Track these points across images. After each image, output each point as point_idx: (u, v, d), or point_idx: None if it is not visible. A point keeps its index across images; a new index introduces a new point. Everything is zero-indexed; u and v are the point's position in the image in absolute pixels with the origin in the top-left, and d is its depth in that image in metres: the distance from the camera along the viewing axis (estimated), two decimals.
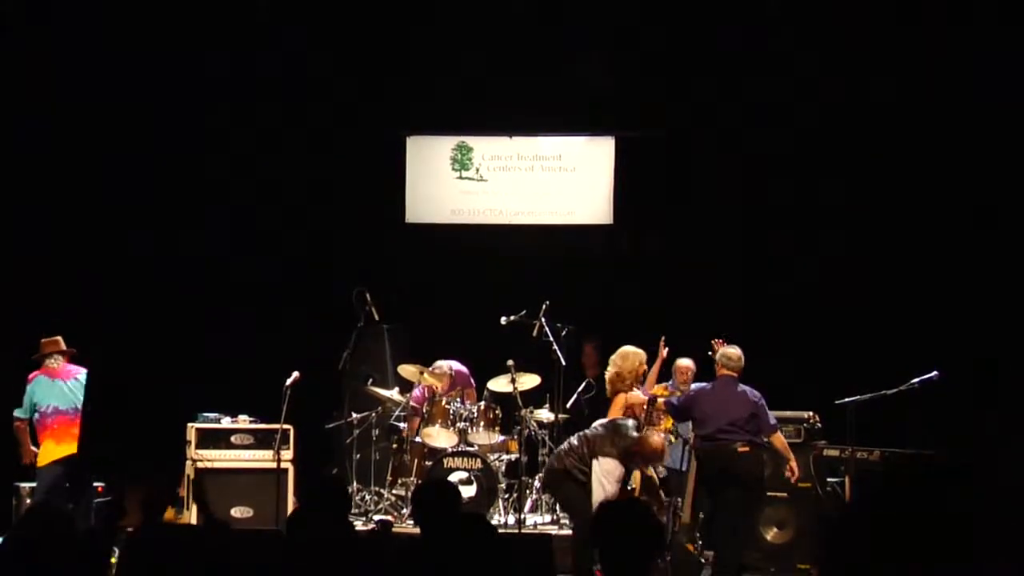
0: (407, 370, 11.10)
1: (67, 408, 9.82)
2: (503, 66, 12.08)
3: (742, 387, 9.25)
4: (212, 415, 10.54)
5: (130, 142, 11.80)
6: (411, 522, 9.82)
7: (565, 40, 11.96)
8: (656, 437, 9.02)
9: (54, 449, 9.77)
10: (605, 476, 8.84)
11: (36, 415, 9.84)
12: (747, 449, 9.01)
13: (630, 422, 9.13)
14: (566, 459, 9.06)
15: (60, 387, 9.90)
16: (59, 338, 10.05)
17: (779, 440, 9.25)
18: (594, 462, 8.88)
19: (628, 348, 9.52)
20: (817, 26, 11.49)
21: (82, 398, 9.86)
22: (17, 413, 9.91)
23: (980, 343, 10.41)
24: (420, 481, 10.37)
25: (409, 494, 10.39)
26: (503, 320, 11.03)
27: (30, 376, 9.94)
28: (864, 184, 11.65)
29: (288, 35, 11.87)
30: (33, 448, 9.87)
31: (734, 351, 9.46)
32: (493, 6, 11.84)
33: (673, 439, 10.00)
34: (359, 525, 10.14)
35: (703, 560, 9.91)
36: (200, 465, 10.24)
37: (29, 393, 9.86)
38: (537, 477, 10.80)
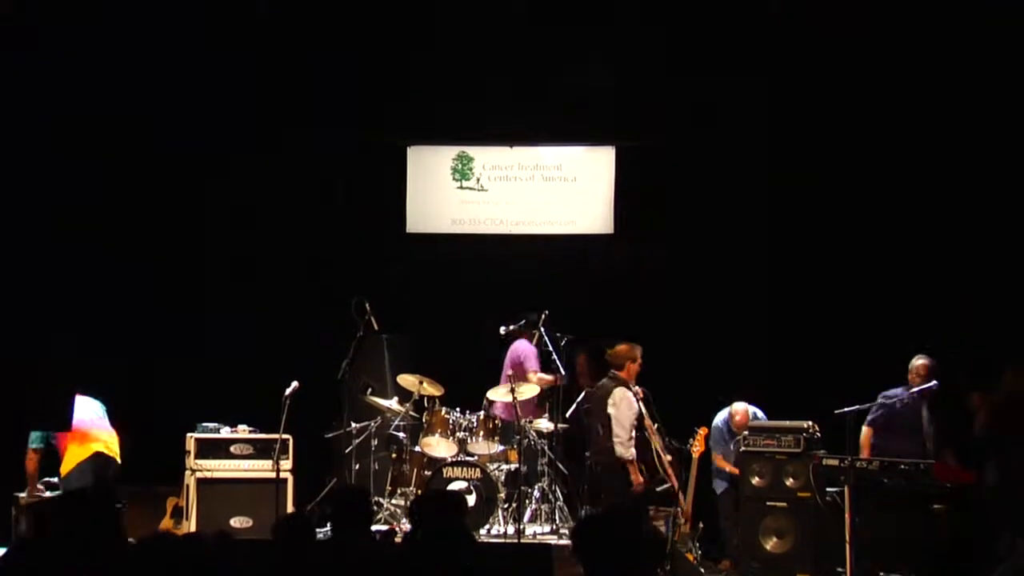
0: (406, 380, 11.09)
1: (91, 417, 9.74)
2: (503, 76, 12.09)
3: None
4: (211, 425, 10.57)
5: (129, 149, 11.83)
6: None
7: (565, 50, 11.96)
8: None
9: (78, 451, 9.63)
10: (616, 405, 9.21)
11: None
12: None
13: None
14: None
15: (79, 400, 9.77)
16: None
17: None
18: (609, 405, 9.19)
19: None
20: (817, 33, 11.48)
21: (100, 406, 9.86)
22: (33, 444, 9.69)
23: (979, 352, 10.38)
24: (419, 491, 10.38)
25: (409, 504, 10.37)
26: (502, 330, 11.03)
27: None
28: (866, 194, 11.63)
29: (289, 44, 11.88)
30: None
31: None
32: (493, 17, 11.84)
33: None
34: None
35: (703, 571, 9.90)
36: (200, 475, 10.25)
37: None
38: (537, 487, 10.78)
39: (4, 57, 11.14)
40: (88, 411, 9.74)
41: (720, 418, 10.94)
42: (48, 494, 10.03)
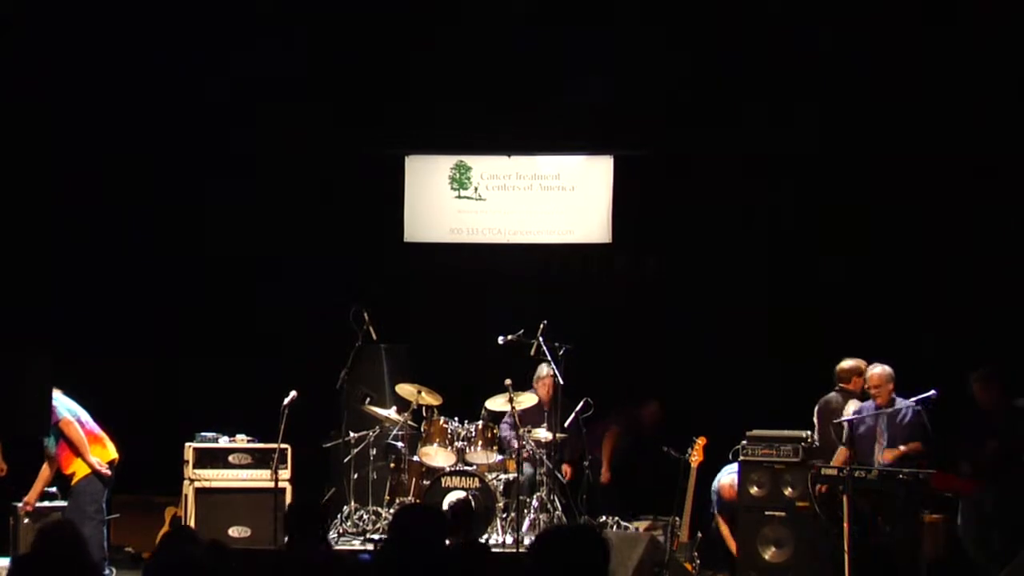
0: (404, 389, 11.09)
1: (91, 420, 9.63)
2: (501, 85, 12.10)
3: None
4: (210, 435, 10.57)
5: (131, 161, 11.84)
6: None
7: (564, 59, 11.97)
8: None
9: (100, 452, 9.49)
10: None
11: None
12: None
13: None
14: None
15: (68, 398, 9.61)
16: None
17: None
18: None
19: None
20: (816, 46, 11.49)
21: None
22: (49, 444, 9.43)
23: (978, 361, 10.39)
24: (417, 500, 10.38)
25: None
26: (501, 339, 11.01)
27: None
28: (864, 205, 11.65)
29: (288, 55, 11.89)
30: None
31: None
32: (492, 26, 11.86)
33: None
34: (356, 545, 10.15)
35: None
36: (198, 485, 10.25)
37: (59, 407, 9.42)
38: (536, 496, 10.76)
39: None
40: (85, 414, 9.63)
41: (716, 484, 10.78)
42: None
